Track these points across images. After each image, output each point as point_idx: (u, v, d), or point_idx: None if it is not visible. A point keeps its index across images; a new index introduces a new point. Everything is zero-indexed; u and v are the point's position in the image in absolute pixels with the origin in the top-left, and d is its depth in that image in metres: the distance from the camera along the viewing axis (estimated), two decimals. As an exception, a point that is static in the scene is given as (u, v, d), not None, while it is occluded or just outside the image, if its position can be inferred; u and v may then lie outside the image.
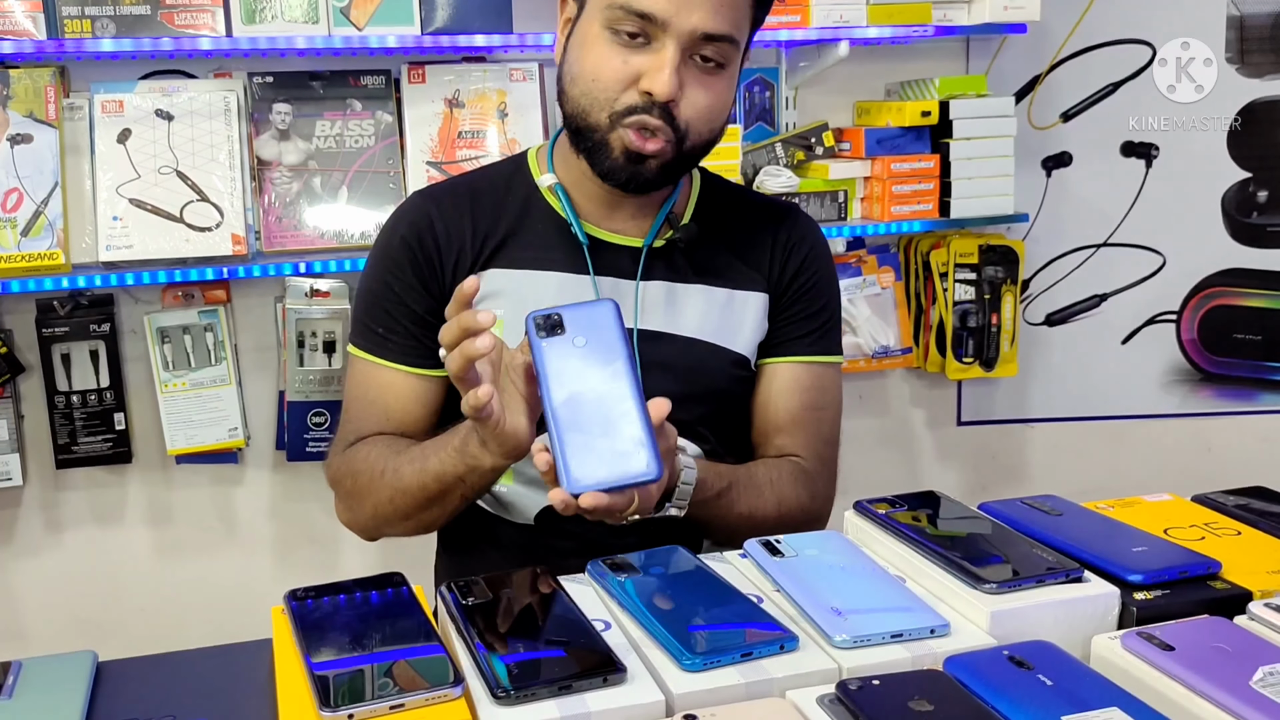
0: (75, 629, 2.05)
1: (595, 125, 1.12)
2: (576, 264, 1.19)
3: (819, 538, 0.95)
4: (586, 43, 1.12)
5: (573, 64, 1.13)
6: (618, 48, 1.09)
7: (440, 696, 0.72)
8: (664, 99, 1.08)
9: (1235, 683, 0.71)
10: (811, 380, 1.26)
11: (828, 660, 0.76)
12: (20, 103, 1.81)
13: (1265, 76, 2.32)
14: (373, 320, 1.21)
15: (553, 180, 1.21)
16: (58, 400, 1.92)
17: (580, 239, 1.19)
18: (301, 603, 0.86)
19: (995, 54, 2.26)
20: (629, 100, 1.10)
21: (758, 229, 1.28)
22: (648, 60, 1.08)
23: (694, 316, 1.21)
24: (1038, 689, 0.71)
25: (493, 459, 1.01)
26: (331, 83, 1.95)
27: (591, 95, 1.11)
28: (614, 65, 1.09)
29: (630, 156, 1.11)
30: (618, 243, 1.21)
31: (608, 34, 1.09)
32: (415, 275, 1.20)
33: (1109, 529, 0.95)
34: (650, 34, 1.08)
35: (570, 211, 1.20)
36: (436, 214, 1.21)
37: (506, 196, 1.23)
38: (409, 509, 1.12)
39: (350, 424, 1.22)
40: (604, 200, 1.20)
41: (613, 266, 1.20)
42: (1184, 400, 2.43)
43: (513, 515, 1.22)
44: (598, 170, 1.14)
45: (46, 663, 0.83)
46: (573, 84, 1.13)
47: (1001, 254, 2.21)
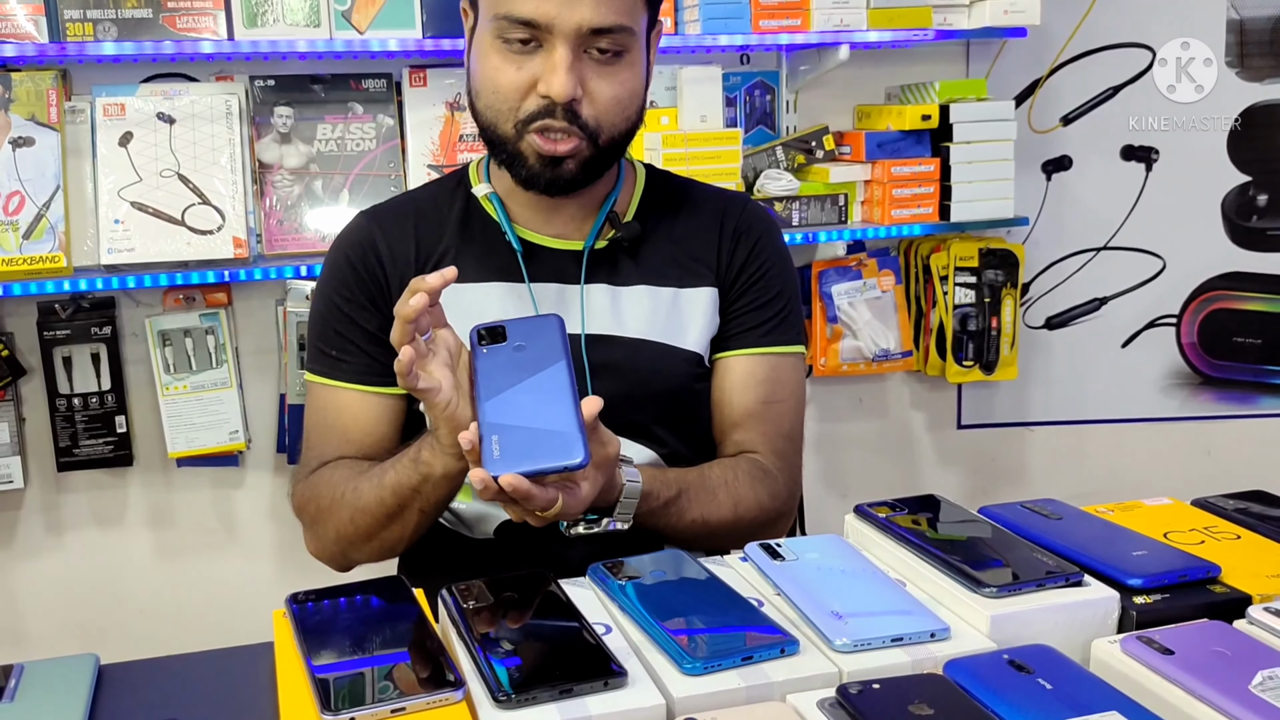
0: (76, 631, 2.05)
1: (505, 136, 1.11)
2: (514, 272, 1.18)
3: (819, 541, 0.95)
4: (482, 54, 1.11)
5: (475, 77, 1.13)
6: (510, 56, 1.08)
7: (441, 700, 0.72)
8: (563, 100, 1.07)
9: (1234, 687, 0.71)
10: (766, 373, 1.23)
11: (828, 664, 0.76)
12: (22, 106, 1.81)
13: (1265, 80, 2.32)
14: (325, 343, 1.20)
15: (488, 189, 1.20)
16: (59, 403, 1.92)
17: (515, 246, 1.18)
18: (303, 606, 0.86)
19: (995, 58, 2.27)
20: (531, 107, 1.09)
21: (704, 222, 1.25)
22: (540, 64, 1.08)
23: (640, 317, 1.19)
24: (1037, 693, 0.71)
25: (443, 462, 1.00)
26: (333, 86, 1.96)
27: (495, 107, 1.11)
28: (509, 74, 1.09)
29: (545, 161, 1.10)
30: (558, 247, 1.20)
31: (500, 44, 1.08)
32: (363, 294, 1.19)
33: (1109, 533, 0.95)
34: (539, 38, 1.07)
35: (505, 219, 1.19)
36: (380, 234, 1.20)
37: (449, 211, 1.22)
38: (370, 528, 1.10)
39: (311, 450, 1.20)
40: (540, 205, 1.19)
41: (554, 272, 1.19)
42: (1184, 404, 2.43)
43: (473, 531, 1.21)
44: (518, 179, 1.14)
45: (48, 666, 0.83)
46: (477, 97, 1.13)
47: (1001, 257, 2.22)
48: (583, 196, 1.18)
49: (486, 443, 0.87)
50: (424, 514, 1.08)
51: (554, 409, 0.88)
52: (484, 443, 0.87)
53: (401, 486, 1.05)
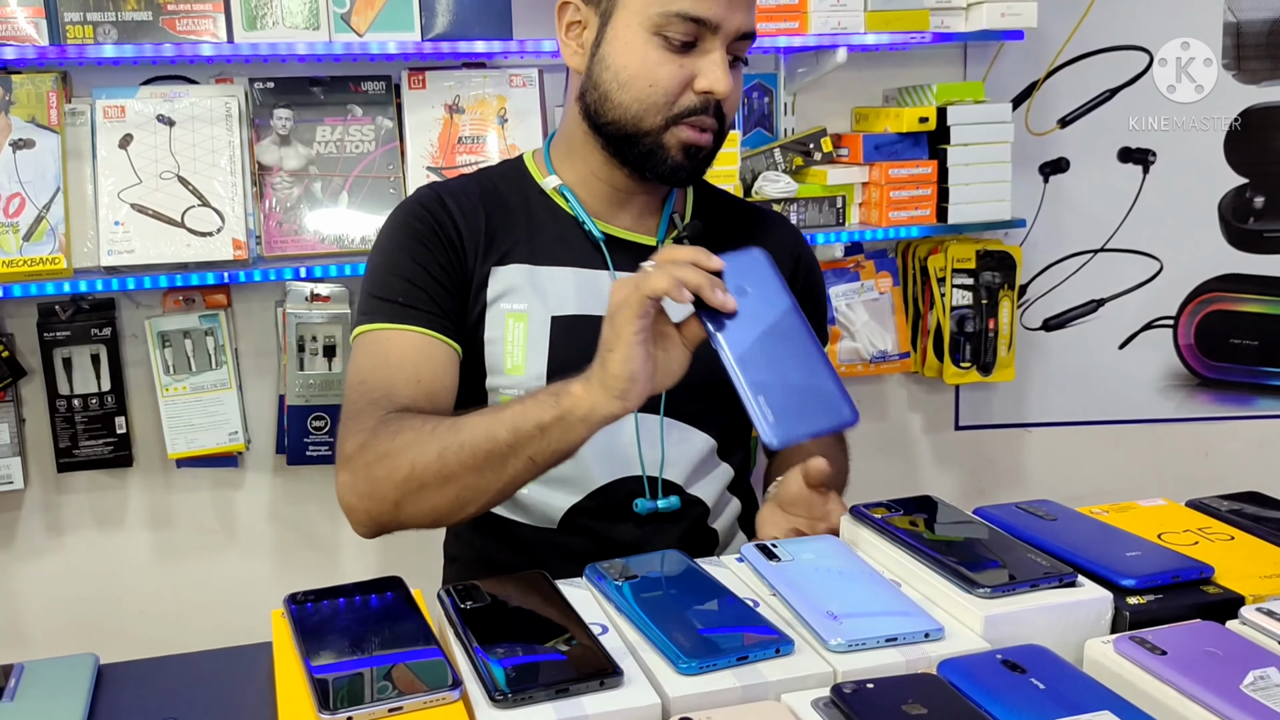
0: (76, 632, 2.05)
1: (649, 129, 1.14)
2: (591, 260, 1.21)
3: (815, 542, 0.96)
4: (631, 49, 1.13)
5: (619, 70, 1.14)
6: (669, 53, 1.12)
7: (438, 699, 0.73)
8: (724, 95, 1.13)
9: (1226, 686, 0.71)
10: None
11: (823, 664, 0.77)
12: (22, 108, 1.82)
13: (1262, 82, 2.33)
14: (391, 294, 1.16)
15: (557, 182, 1.23)
16: (59, 404, 1.92)
17: (596, 235, 1.21)
18: (301, 606, 0.86)
19: (993, 60, 2.27)
20: (687, 102, 1.13)
21: (755, 231, 1.31)
22: (698, 62, 1.12)
23: None
24: (1030, 692, 0.72)
25: (597, 402, 0.94)
26: (332, 88, 1.96)
27: (648, 101, 1.13)
28: (670, 70, 1.12)
29: (687, 152, 1.15)
30: (633, 240, 1.24)
31: (656, 39, 1.12)
32: (438, 249, 1.18)
33: (1103, 534, 0.96)
34: (700, 37, 1.12)
35: (581, 210, 1.22)
36: (452, 203, 1.22)
37: (513, 198, 1.24)
38: (457, 468, 1.01)
39: (374, 393, 1.11)
40: (611, 200, 1.23)
41: (629, 262, 1.21)
42: (1181, 405, 2.43)
43: (532, 519, 1.22)
44: (652, 171, 1.16)
45: (48, 665, 0.84)
46: (623, 90, 1.14)
47: (999, 259, 2.22)
48: (651, 193, 1.24)
49: (754, 405, 0.81)
50: (532, 464, 1.00)
51: (805, 362, 0.83)
52: (757, 414, 0.81)
53: (525, 422, 0.98)
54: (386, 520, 1.08)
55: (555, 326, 1.18)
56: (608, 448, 1.17)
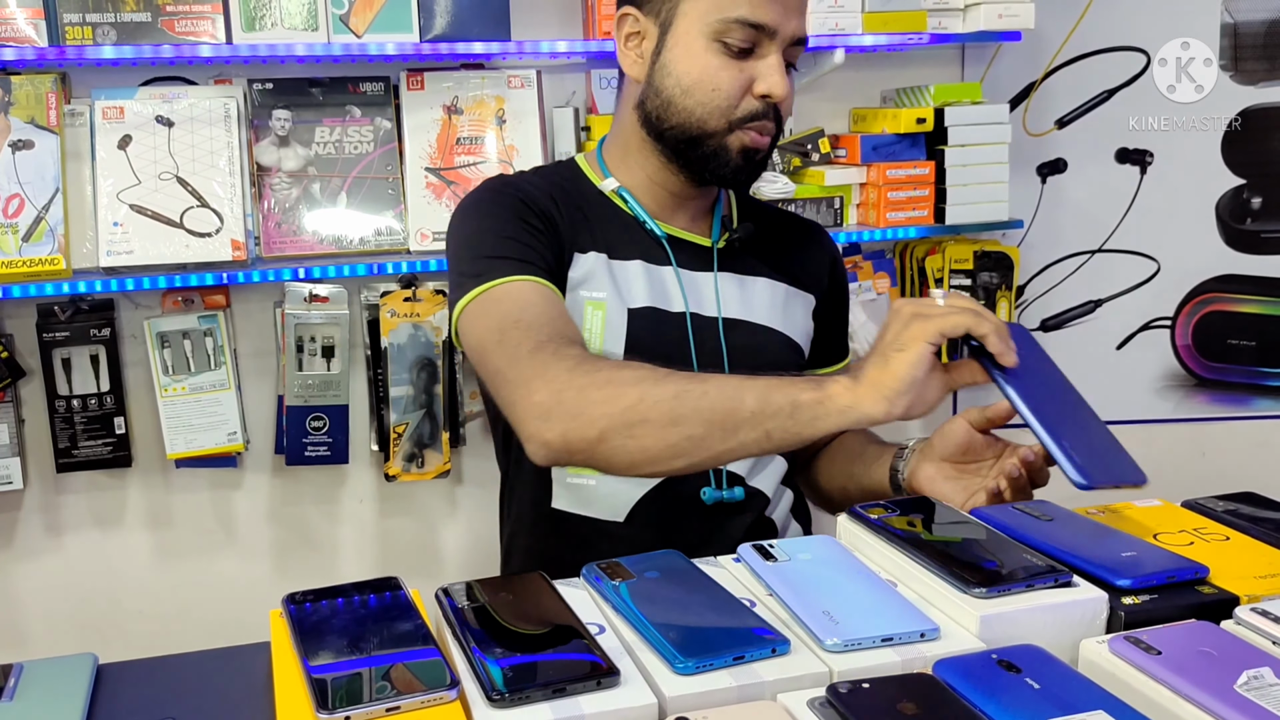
0: (75, 632, 2.06)
1: (712, 131, 1.19)
2: (655, 257, 1.26)
3: (812, 542, 0.96)
4: (693, 55, 1.18)
5: (681, 77, 1.19)
6: (729, 59, 1.17)
7: (436, 699, 0.73)
8: (781, 99, 1.18)
9: (1220, 686, 0.71)
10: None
11: (818, 664, 0.77)
12: (22, 109, 1.82)
13: (1260, 83, 2.33)
14: (508, 251, 1.15)
15: (615, 184, 1.28)
16: (58, 404, 1.92)
17: (658, 234, 1.26)
18: (299, 606, 0.86)
19: (990, 61, 2.28)
20: (749, 107, 1.18)
21: (798, 238, 1.38)
22: (756, 67, 1.18)
23: (763, 305, 1.30)
24: (1025, 692, 0.72)
25: (862, 395, 0.93)
26: (331, 89, 1.96)
27: (711, 105, 1.18)
28: (731, 75, 1.17)
29: (746, 155, 1.21)
30: (691, 240, 1.29)
31: (717, 45, 1.17)
32: (538, 219, 1.20)
33: (1098, 534, 0.96)
34: (758, 43, 1.17)
35: (641, 210, 1.27)
36: (531, 189, 1.25)
37: (574, 194, 1.28)
38: (690, 414, 0.97)
39: (541, 333, 1.07)
40: (667, 203, 1.28)
41: (687, 261, 1.28)
42: (1178, 406, 2.44)
43: (599, 512, 1.23)
44: (716, 174, 1.22)
45: (47, 665, 0.84)
46: (686, 95, 1.19)
47: (996, 260, 2.22)
48: (703, 197, 1.30)
49: (1058, 447, 0.88)
50: (764, 439, 0.97)
51: (1090, 419, 0.92)
52: (1062, 455, 0.88)
53: (779, 395, 0.96)
54: (579, 448, 1.01)
55: (632, 318, 1.22)
56: None
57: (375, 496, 2.17)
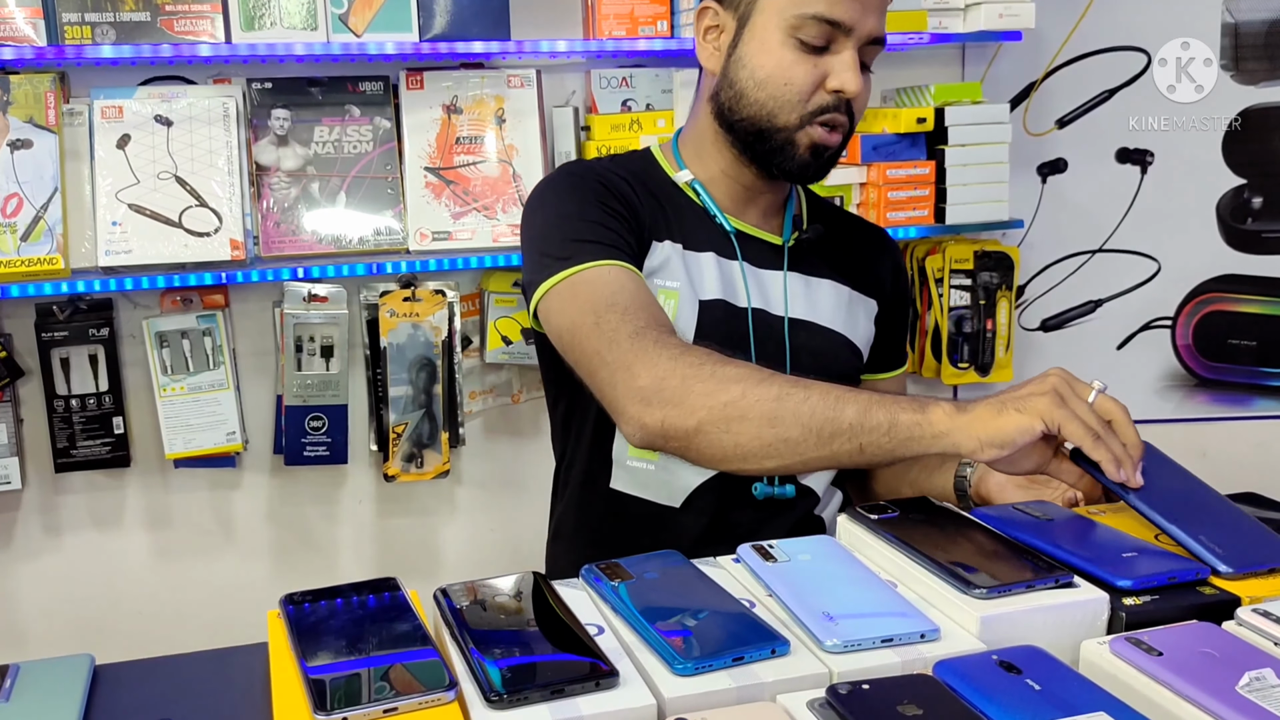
0: (73, 632, 2.06)
1: (784, 126, 1.20)
2: (724, 251, 1.27)
3: (811, 543, 0.96)
4: (768, 49, 1.19)
5: (755, 70, 1.20)
6: (804, 54, 1.18)
7: (434, 700, 0.73)
8: (854, 95, 1.18)
9: (1221, 688, 0.71)
10: (901, 384, 1.45)
11: (818, 665, 0.77)
12: (20, 108, 1.82)
13: (1260, 83, 2.33)
14: (594, 235, 1.16)
15: (689, 176, 1.29)
16: (57, 404, 1.92)
17: (727, 229, 1.27)
18: (297, 607, 0.86)
19: (990, 61, 2.28)
20: (820, 101, 1.19)
21: (866, 242, 1.39)
22: (831, 63, 1.18)
23: (828, 307, 1.31)
24: (1026, 693, 0.72)
25: (960, 429, 0.94)
26: (330, 89, 1.96)
27: (783, 99, 1.19)
28: (805, 69, 1.18)
29: (815, 151, 1.21)
30: (761, 237, 1.29)
31: (793, 41, 1.18)
32: (620, 204, 1.21)
33: (1099, 534, 0.96)
34: (833, 39, 1.18)
35: (712, 203, 1.28)
36: (610, 176, 1.25)
37: (649, 182, 1.29)
38: (789, 417, 0.98)
39: (639, 319, 1.08)
40: (739, 198, 1.29)
41: (757, 257, 1.28)
42: (1179, 406, 2.44)
43: (656, 496, 1.25)
44: (783, 168, 1.22)
45: (43, 666, 0.84)
46: (759, 88, 1.20)
47: (997, 260, 2.22)
48: (775, 193, 1.31)
49: (1199, 545, 0.91)
50: (857, 453, 0.98)
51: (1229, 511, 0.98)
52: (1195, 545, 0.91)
53: (879, 411, 0.97)
54: (676, 436, 1.03)
55: (702, 310, 1.23)
56: None
57: (374, 497, 2.16)
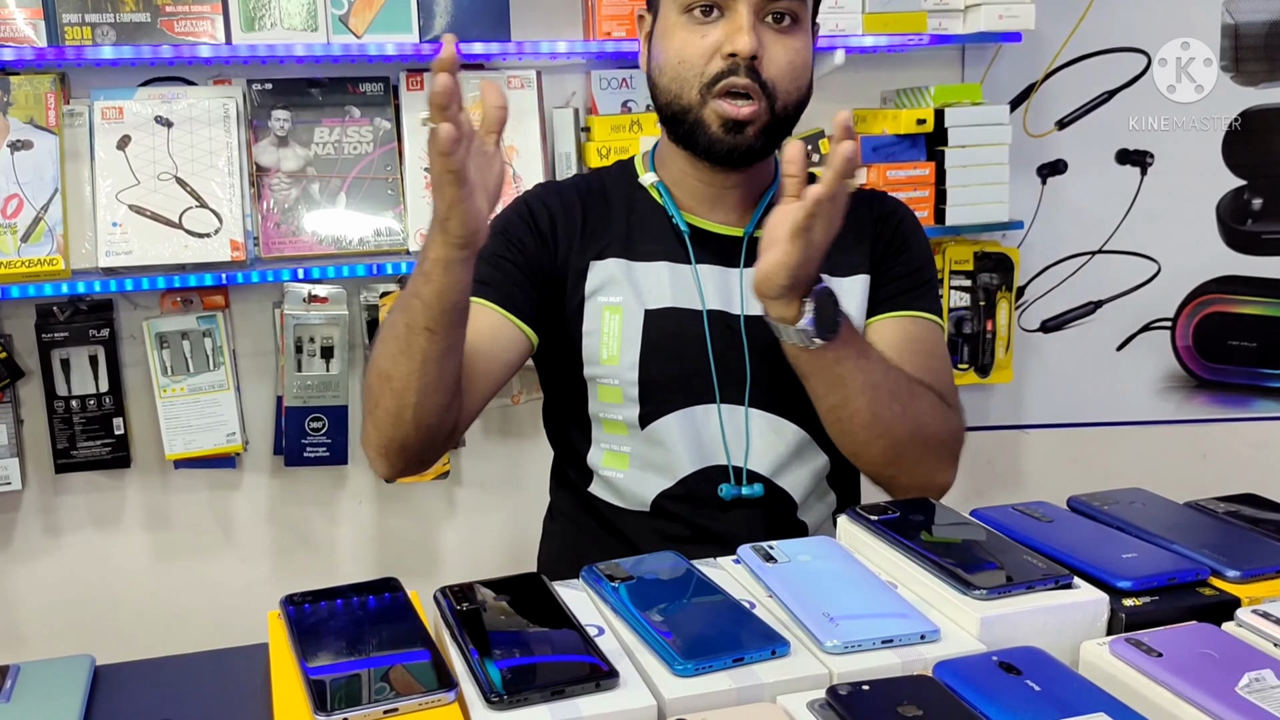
0: (73, 633, 2.06)
1: (689, 104, 1.17)
2: (681, 254, 1.25)
3: (812, 544, 0.96)
4: (667, 34, 1.18)
5: (659, 57, 1.20)
6: (695, 27, 1.16)
7: (434, 701, 0.73)
8: (746, 54, 1.13)
9: (1221, 688, 0.71)
10: (918, 332, 1.25)
11: (818, 665, 0.77)
12: (21, 109, 1.82)
13: (1260, 85, 2.33)
14: (478, 274, 1.19)
15: (654, 179, 1.28)
16: (57, 405, 1.92)
17: (682, 229, 1.25)
18: (297, 607, 0.86)
19: (990, 62, 2.28)
20: (715, 68, 1.15)
21: (855, 214, 1.27)
22: (724, 28, 1.15)
23: None
24: (1026, 694, 0.72)
25: (443, 250, 0.99)
26: (330, 90, 1.96)
27: (680, 76, 1.17)
28: (695, 42, 1.16)
29: (728, 126, 1.16)
30: (720, 232, 1.26)
31: (684, 19, 1.16)
32: (528, 235, 1.24)
33: (1099, 536, 0.96)
34: (722, 6, 1.15)
35: (670, 204, 1.26)
36: (555, 201, 1.27)
37: (615, 197, 1.29)
38: (388, 368, 1.07)
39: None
40: (706, 194, 1.26)
41: (717, 255, 1.25)
42: (1179, 407, 2.44)
43: (626, 502, 1.26)
44: (700, 150, 1.19)
45: (44, 666, 0.84)
46: (662, 74, 1.19)
47: (996, 261, 2.22)
48: (745, 185, 1.25)
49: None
50: (429, 335, 1.04)
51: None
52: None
53: (405, 298, 1.04)
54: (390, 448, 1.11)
55: (648, 319, 1.22)
56: (697, 437, 1.22)
57: (374, 497, 2.17)
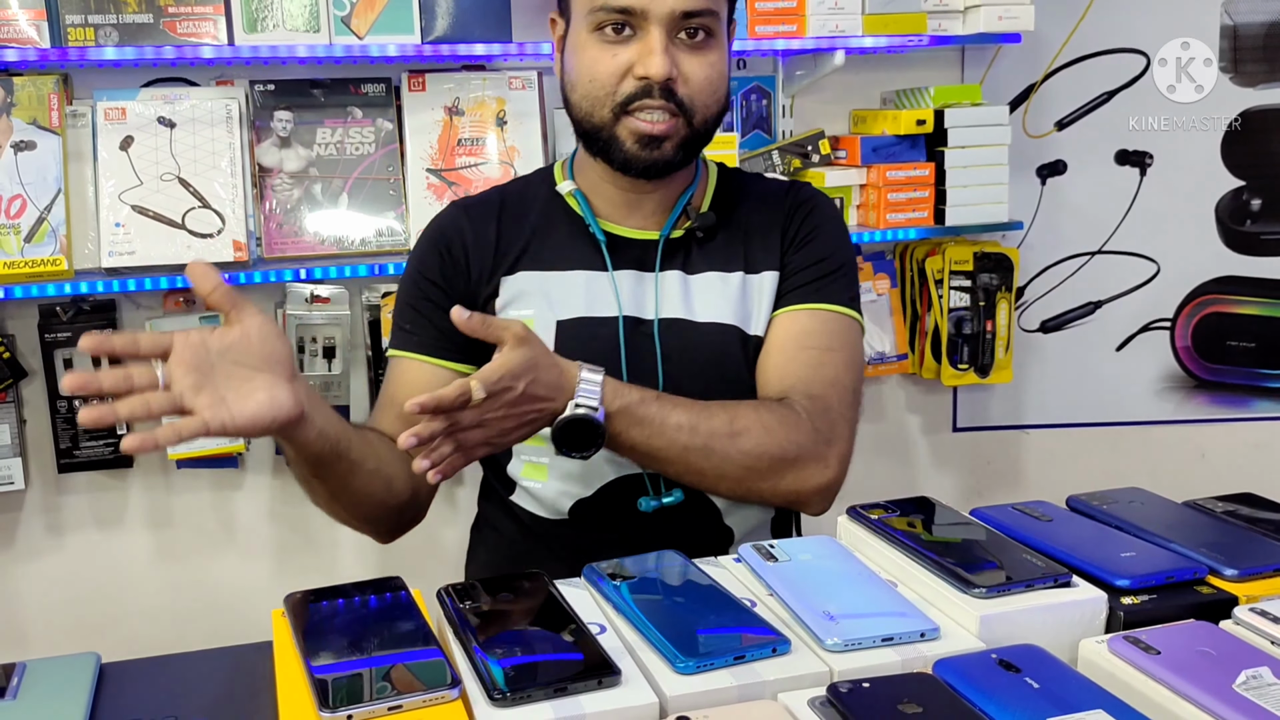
0: (76, 632, 2.06)
1: (602, 122, 1.17)
2: (598, 262, 1.24)
3: (812, 543, 0.96)
4: (578, 49, 1.18)
5: (570, 72, 1.20)
6: (606, 45, 1.15)
7: (438, 698, 0.73)
8: (660, 78, 1.13)
9: (1219, 686, 0.72)
10: (812, 325, 1.22)
11: (819, 663, 0.78)
12: (24, 110, 1.82)
13: (1259, 86, 2.33)
14: (402, 319, 1.26)
15: (571, 186, 1.27)
16: (59, 405, 1.93)
17: (599, 237, 1.24)
18: (301, 606, 0.87)
19: (990, 63, 2.28)
20: (628, 89, 1.15)
21: (771, 208, 1.29)
22: (636, 49, 1.14)
23: (710, 302, 1.24)
24: (1025, 691, 0.72)
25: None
26: (332, 90, 1.97)
27: (592, 95, 1.16)
28: (605, 61, 1.15)
29: (643, 142, 1.16)
30: (637, 237, 1.25)
31: (595, 36, 1.15)
32: (441, 273, 1.25)
33: (1098, 535, 0.96)
34: (633, 24, 1.14)
35: (588, 212, 1.25)
36: (466, 222, 1.27)
37: (532, 204, 1.28)
38: (309, 494, 1.22)
39: (370, 420, 1.25)
40: (622, 200, 1.25)
41: (633, 260, 1.24)
42: (1178, 407, 2.44)
43: (547, 511, 1.25)
44: (616, 165, 1.19)
45: (50, 664, 0.84)
46: (573, 89, 1.19)
47: (996, 261, 2.23)
48: (663, 190, 1.24)
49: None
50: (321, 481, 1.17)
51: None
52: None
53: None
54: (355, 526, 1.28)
55: (560, 330, 1.21)
56: None
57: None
